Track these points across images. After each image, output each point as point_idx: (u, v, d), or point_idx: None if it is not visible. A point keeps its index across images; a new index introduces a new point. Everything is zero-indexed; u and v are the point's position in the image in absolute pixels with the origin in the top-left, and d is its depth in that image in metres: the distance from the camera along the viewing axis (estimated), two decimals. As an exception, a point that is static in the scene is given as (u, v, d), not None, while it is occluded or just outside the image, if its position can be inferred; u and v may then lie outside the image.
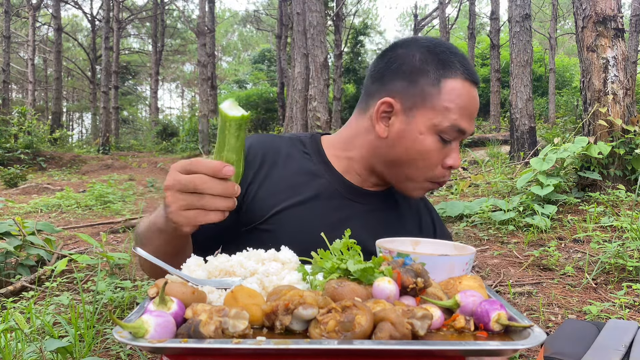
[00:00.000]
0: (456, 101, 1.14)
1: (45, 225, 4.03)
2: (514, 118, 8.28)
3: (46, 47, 30.51)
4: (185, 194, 0.84)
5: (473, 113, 1.18)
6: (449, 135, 1.15)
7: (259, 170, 1.23)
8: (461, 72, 1.15)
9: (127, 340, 0.61)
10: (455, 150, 1.18)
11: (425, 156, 1.16)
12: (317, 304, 0.65)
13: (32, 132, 15.61)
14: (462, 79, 1.14)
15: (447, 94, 1.13)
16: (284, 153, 1.26)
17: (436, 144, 1.15)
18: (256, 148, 1.26)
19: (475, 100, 1.18)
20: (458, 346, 0.61)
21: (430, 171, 1.18)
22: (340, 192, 1.26)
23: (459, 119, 1.14)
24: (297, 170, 1.24)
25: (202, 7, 17.78)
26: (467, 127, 1.16)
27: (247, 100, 25.91)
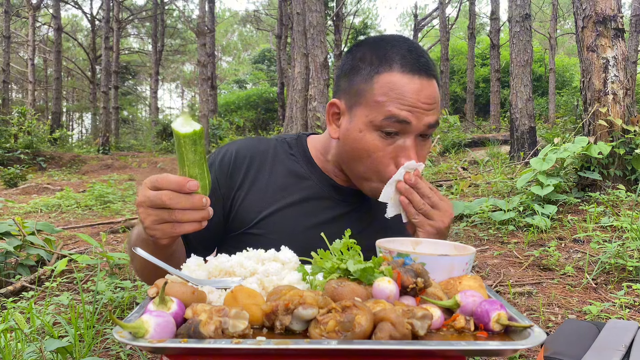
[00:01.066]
0: (389, 94, 1.12)
1: (45, 225, 4.03)
2: (514, 118, 8.28)
3: (46, 47, 30.51)
4: (156, 209, 0.86)
5: (415, 102, 1.12)
6: (391, 128, 1.12)
7: (245, 175, 1.25)
8: (398, 65, 1.13)
9: (127, 340, 0.61)
10: (408, 147, 1.13)
11: (370, 153, 1.14)
12: (317, 304, 0.65)
13: (32, 132, 15.61)
14: (399, 72, 1.12)
15: (379, 89, 1.12)
16: (270, 156, 1.28)
17: (378, 140, 1.13)
18: (243, 153, 1.27)
19: (417, 88, 1.12)
20: (458, 346, 0.61)
21: (381, 169, 1.15)
22: (326, 192, 1.28)
23: (394, 109, 1.11)
24: (284, 172, 1.27)
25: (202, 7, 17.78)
26: (409, 116, 1.11)
27: (247, 100, 25.92)
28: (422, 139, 1.17)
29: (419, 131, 1.14)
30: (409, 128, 1.12)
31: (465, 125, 15.86)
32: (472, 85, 19.03)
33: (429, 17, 24.09)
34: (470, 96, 18.79)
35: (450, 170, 8.11)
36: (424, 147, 1.18)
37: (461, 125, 13.89)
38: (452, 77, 24.02)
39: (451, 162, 9.05)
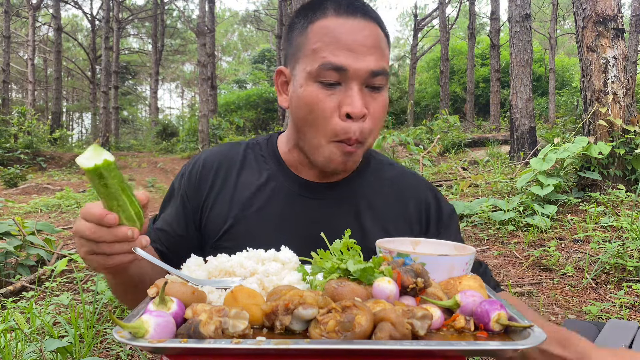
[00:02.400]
0: (323, 39, 1.04)
1: (45, 225, 4.03)
2: (514, 118, 8.28)
3: (46, 47, 30.51)
4: (86, 241, 0.83)
5: (351, 45, 1.03)
6: (326, 77, 1.03)
7: (212, 185, 1.20)
8: (332, 10, 1.06)
9: (127, 340, 0.61)
10: (350, 95, 1.02)
11: (312, 108, 1.04)
12: (317, 304, 0.65)
13: (32, 132, 15.61)
14: (333, 16, 1.05)
15: (313, 37, 1.06)
16: (238, 162, 1.22)
17: (318, 91, 1.04)
18: (210, 162, 1.22)
19: (352, 30, 1.04)
20: (458, 346, 0.61)
21: (326, 126, 1.05)
22: (293, 190, 1.18)
23: (329, 55, 1.02)
24: (251, 177, 1.20)
25: (202, 7, 17.78)
26: (344, 62, 1.02)
27: (247, 100, 25.92)
28: (371, 90, 1.06)
29: (361, 78, 1.03)
30: (347, 75, 1.03)
31: (465, 125, 15.86)
32: (472, 85, 19.02)
33: (429, 17, 24.08)
34: (470, 96, 18.78)
35: (450, 170, 8.11)
36: (374, 101, 1.06)
37: (461, 125, 13.90)
38: (452, 77, 24.02)
39: (451, 162, 9.05)
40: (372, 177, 1.24)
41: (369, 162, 1.27)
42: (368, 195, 1.21)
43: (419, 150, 7.98)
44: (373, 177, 1.24)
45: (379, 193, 1.22)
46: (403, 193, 1.24)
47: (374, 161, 1.28)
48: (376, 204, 1.21)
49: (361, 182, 1.22)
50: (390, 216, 1.20)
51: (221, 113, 23.31)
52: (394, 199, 1.23)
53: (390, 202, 1.22)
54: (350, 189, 1.21)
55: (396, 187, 1.25)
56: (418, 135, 12.21)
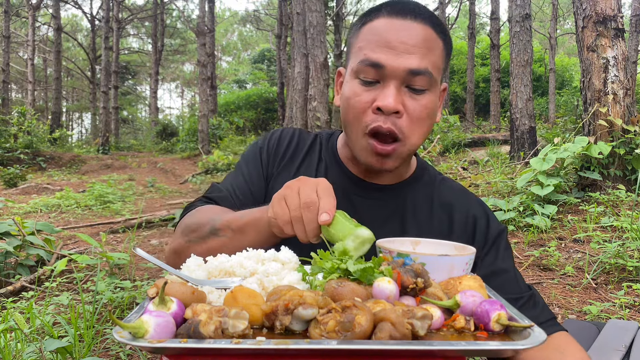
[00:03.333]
0: (369, 37, 1.06)
1: (44, 225, 4.03)
2: (514, 118, 8.28)
3: (46, 47, 30.51)
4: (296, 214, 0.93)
5: (392, 42, 1.03)
6: (365, 74, 1.04)
7: (282, 157, 1.26)
8: (386, 12, 1.07)
9: (126, 340, 0.61)
10: (383, 92, 1.03)
11: (351, 103, 1.07)
12: (317, 304, 0.65)
13: (32, 132, 15.62)
14: (385, 17, 1.06)
15: (361, 37, 1.08)
16: (306, 147, 1.28)
17: (357, 87, 1.06)
18: (285, 136, 1.30)
19: (396, 29, 1.04)
20: (458, 346, 0.61)
21: (361, 120, 1.06)
22: (346, 186, 1.20)
23: (369, 52, 1.04)
24: (312, 166, 1.25)
25: (202, 6, 17.78)
26: (382, 58, 1.02)
27: (247, 100, 25.91)
28: (410, 91, 1.05)
29: (399, 77, 1.03)
30: (384, 72, 1.03)
31: (465, 125, 15.86)
32: (472, 85, 19.02)
33: (428, 17, 24.05)
34: (470, 96, 18.79)
35: (450, 170, 8.11)
36: (414, 101, 1.05)
37: (461, 125, 13.89)
38: (452, 77, 24.02)
39: (451, 162, 9.05)
40: (423, 189, 1.24)
41: (423, 175, 1.27)
42: (416, 206, 1.21)
43: (419, 150, 7.98)
44: (424, 190, 1.24)
45: (426, 207, 1.22)
46: (451, 210, 1.22)
47: (428, 175, 1.28)
48: (422, 217, 1.20)
49: (411, 192, 1.23)
50: (433, 232, 1.16)
51: (221, 113, 23.31)
52: (441, 216, 1.21)
53: (436, 217, 1.21)
54: (400, 195, 1.22)
55: (446, 203, 1.23)
56: (418, 135, 12.17)
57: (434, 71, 1.05)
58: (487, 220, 1.21)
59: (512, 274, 1.15)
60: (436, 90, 1.09)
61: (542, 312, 1.11)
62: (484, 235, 1.19)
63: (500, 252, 1.17)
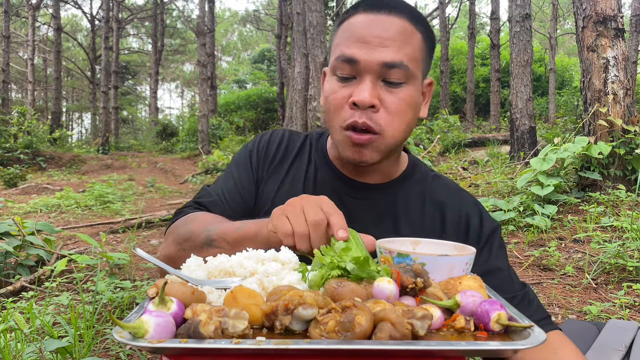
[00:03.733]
0: (345, 34, 1.06)
1: (44, 225, 4.03)
2: (514, 118, 8.28)
3: (46, 47, 30.51)
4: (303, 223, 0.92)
5: (365, 36, 1.02)
6: (341, 70, 1.04)
7: (272, 159, 1.25)
8: (362, 8, 1.06)
9: (126, 340, 0.61)
10: (358, 87, 1.03)
11: (330, 100, 1.08)
12: (317, 304, 0.65)
13: (32, 132, 15.62)
14: (361, 13, 1.05)
15: (340, 33, 1.08)
16: (296, 148, 1.27)
17: (335, 84, 1.07)
18: (275, 138, 1.28)
19: (369, 23, 1.03)
20: (458, 346, 0.61)
21: (339, 116, 1.07)
22: (337, 187, 1.20)
23: (344, 48, 1.04)
24: (302, 168, 1.24)
25: (202, 6, 17.78)
26: (356, 53, 1.02)
27: (247, 100, 25.91)
28: (386, 85, 1.04)
29: (373, 71, 1.02)
30: (359, 67, 1.02)
31: (465, 125, 15.86)
32: (472, 85, 19.03)
33: (429, 17, 24.09)
34: (470, 96, 18.79)
35: (450, 170, 8.11)
36: (391, 94, 1.04)
37: (461, 125, 13.89)
38: (452, 77, 24.02)
39: (451, 162, 9.05)
40: (414, 187, 1.22)
41: (414, 173, 1.25)
42: (408, 204, 1.20)
43: (419, 150, 7.98)
44: (415, 188, 1.22)
45: (418, 204, 1.20)
46: (443, 208, 1.21)
47: (419, 172, 1.26)
48: (414, 215, 1.19)
49: (403, 190, 1.21)
50: (425, 230, 1.16)
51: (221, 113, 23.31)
52: (433, 214, 1.20)
53: (428, 216, 1.19)
54: (391, 194, 1.20)
55: (438, 200, 1.21)
56: (418, 135, 12.21)
57: (410, 64, 1.04)
58: (480, 218, 1.20)
59: (506, 272, 1.15)
60: (415, 84, 1.08)
61: (537, 311, 1.11)
62: (477, 234, 1.18)
63: (494, 251, 1.17)
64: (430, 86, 1.17)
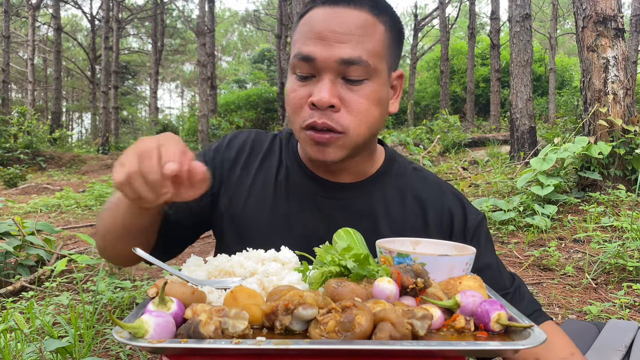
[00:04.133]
0: (303, 29, 1.01)
1: (44, 225, 4.03)
2: (514, 118, 8.28)
3: (46, 47, 30.50)
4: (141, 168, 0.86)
5: (322, 32, 0.97)
6: (300, 69, 1.00)
7: (235, 162, 1.20)
8: (320, 1, 1.02)
9: (126, 340, 0.61)
10: (317, 86, 0.98)
11: (289, 100, 1.04)
12: (317, 304, 0.65)
13: (32, 132, 15.62)
14: (319, 7, 1.01)
15: (299, 28, 1.03)
16: (264, 149, 1.21)
17: (294, 83, 1.02)
18: (239, 140, 1.22)
19: (326, 17, 0.98)
20: (458, 346, 0.61)
21: (299, 116, 1.02)
22: (309, 188, 1.15)
23: (301, 45, 0.99)
24: (272, 169, 1.18)
25: (202, 6, 17.78)
26: (311, 49, 0.97)
27: (247, 100, 25.91)
28: (347, 82, 0.99)
29: (331, 68, 0.97)
30: (317, 65, 0.97)
31: (465, 125, 15.86)
32: (472, 85, 19.03)
33: (429, 17, 24.09)
34: (470, 96, 18.79)
35: (450, 170, 8.11)
36: (352, 93, 0.99)
37: (461, 125, 13.89)
38: (452, 77, 24.02)
39: (451, 162, 9.05)
40: (392, 182, 1.18)
41: (392, 167, 1.20)
42: (387, 202, 1.15)
43: (419, 150, 7.98)
44: (394, 183, 1.18)
45: (398, 200, 1.16)
46: (424, 202, 1.16)
47: (397, 165, 1.21)
48: (394, 212, 1.14)
49: (379, 189, 1.16)
50: (407, 227, 1.12)
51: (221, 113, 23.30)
52: (414, 209, 1.15)
53: (409, 211, 1.15)
54: (368, 193, 1.15)
55: (418, 196, 1.17)
56: (418, 135, 12.21)
57: (371, 59, 0.99)
58: (463, 212, 1.16)
59: (495, 267, 1.12)
60: (379, 79, 1.02)
61: (529, 304, 1.10)
62: (462, 230, 1.14)
63: (481, 246, 1.12)
64: (401, 78, 1.12)
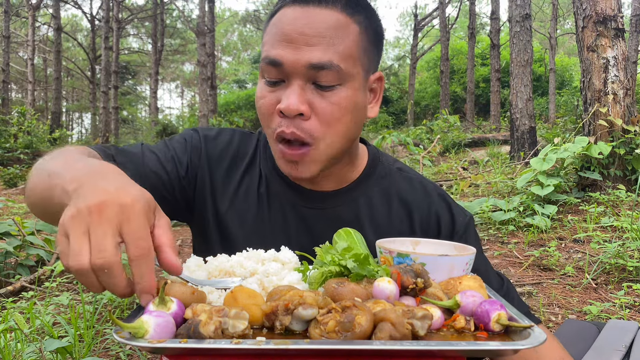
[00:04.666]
0: (272, 31, 0.95)
1: (44, 225, 4.03)
2: (514, 118, 8.28)
3: (46, 47, 30.51)
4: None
5: (290, 34, 0.90)
6: (268, 74, 0.94)
7: (218, 162, 1.13)
8: (290, 0, 0.94)
9: (126, 340, 0.61)
10: (285, 92, 0.92)
11: (258, 106, 0.98)
12: (317, 304, 0.65)
13: (32, 132, 15.62)
14: (288, 6, 0.94)
15: (268, 29, 0.97)
16: (248, 157, 1.15)
17: (263, 88, 0.96)
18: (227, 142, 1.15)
19: (295, 18, 0.91)
20: (458, 346, 0.61)
21: (269, 124, 0.97)
22: (290, 199, 1.10)
23: (269, 48, 0.93)
24: (254, 178, 1.13)
25: (202, 6, 17.78)
26: (279, 53, 0.91)
27: (247, 100, 25.92)
28: (317, 88, 0.93)
29: (299, 74, 0.91)
30: (285, 70, 0.91)
31: (465, 125, 15.86)
32: (472, 85, 19.03)
33: (429, 17, 24.09)
34: (470, 96, 18.79)
35: (450, 170, 8.11)
36: (323, 99, 0.93)
37: (461, 125, 13.89)
38: (452, 77, 24.02)
39: (451, 162, 9.05)
40: (376, 186, 1.13)
41: (375, 168, 1.15)
42: (372, 208, 1.11)
43: (419, 150, 7.98)
44: (378, 186, 1.13)
45: (383, 205, 1.12)
46: (410, 205, 1.12)
47: (381, 167, 1.16)
48: (379, 218, 1.11)
49: (363, 195, 1.12)
50: (393, 232, 1.08)
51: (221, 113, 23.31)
52: (399, 213, 1.12)
53: (394, 215, 1.11)
54: (352, 200, 1.10)
55: (403, 198, 1.13)
56: (418, 135, 12.22)
57: (343, 63, 0.92)
58: (450, 215, 1.12)
59: (484, 270, 1.08)
60: (353, 84, 0.95)
61: (518, 307, 1.08)
62: (449, 232, 1.11)
63: (469, 244, 1.11)
64: (380, 81, 1.05)
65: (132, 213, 0.64)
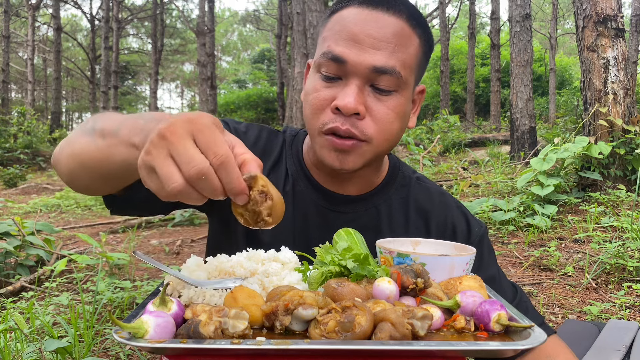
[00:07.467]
0: (335, 28, 0.95)
1: (44, 225, 4.03)
2: (514, 118, 8.28)
3: (46, 47, 30.51)
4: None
5: (357, 35, 0.92)
6: (327, 69, 0.95)
7: None
8: (357, 1, 0.96)
9: (126, 340, 0.61)
10: (343, 90, 0.93)
11: (310, 100, 0.98)
12: (317, 304, 0.65)
13: (32, 132, 15.62)
14: (355, 6, 0.95)
15: (330, 25, 0.98)
16: (273, 157, 1.15)
17: (318, 82, 0.97)
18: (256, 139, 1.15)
19: (363, 20, 0.93)
20: (458, 346, 0.61)
21: (319, 118, 0.97)
22: (315, 200, 1.11)
23: (332, 44, 0.94)
24: (279, 178, 1.13)
25: (202, 6, 17.78)
26: (343, 51, 0.92)
27: (247, 100, 25.92)
28: (375, 91, 0.95)
29: (361, 74, 0.92)
30: (346, 68, 0.93)
31: (465, 125, 15.86)
32: (472, 85, 19.03)
33: (429, 17, 24.08)
34: (470, 96, 18.79)
35: (450, 170, 8.11)
36: (379, 102, 0.95)
37: (461, 125, 13.89)
38: (452, 77, 24.02)
39: (451, 162, 9.05)
40: (397, 194, 1.15)
41: (396, 177, 1.17)
42: (391, 216, 1.12)
43: (419, 150, 7.98)
44: (398, 194, 1.15)
45: (402, 213, 1.13)
46: (427, 214, 1.14)
47: (401, 175, 1.18)
48: (397, 225, 1.12)
49: (384, 201, 1.13)
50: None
51: (221, 113, 23.31)
52: (416, 222, 1.13)
53: (412, 223, 1.13)
54: (373, 206, 1.12)
55: (422, 208, 1.15)
56: (418, 135, 12.21)
57: (403, 71, 0.95)
58: (467, 225, 1.15)
59: (497, 280, 1.11)
60: (406, 93, 0.98)
61: (532, 318, 1.08)
62: (464, 242, 1.12)
63: (484, 259, 1.12)
64: (422, 94, 1.09)
65: (202, 124, 0.64)
